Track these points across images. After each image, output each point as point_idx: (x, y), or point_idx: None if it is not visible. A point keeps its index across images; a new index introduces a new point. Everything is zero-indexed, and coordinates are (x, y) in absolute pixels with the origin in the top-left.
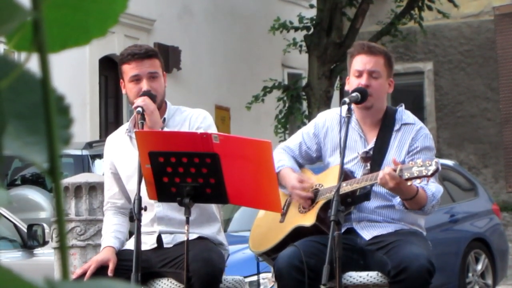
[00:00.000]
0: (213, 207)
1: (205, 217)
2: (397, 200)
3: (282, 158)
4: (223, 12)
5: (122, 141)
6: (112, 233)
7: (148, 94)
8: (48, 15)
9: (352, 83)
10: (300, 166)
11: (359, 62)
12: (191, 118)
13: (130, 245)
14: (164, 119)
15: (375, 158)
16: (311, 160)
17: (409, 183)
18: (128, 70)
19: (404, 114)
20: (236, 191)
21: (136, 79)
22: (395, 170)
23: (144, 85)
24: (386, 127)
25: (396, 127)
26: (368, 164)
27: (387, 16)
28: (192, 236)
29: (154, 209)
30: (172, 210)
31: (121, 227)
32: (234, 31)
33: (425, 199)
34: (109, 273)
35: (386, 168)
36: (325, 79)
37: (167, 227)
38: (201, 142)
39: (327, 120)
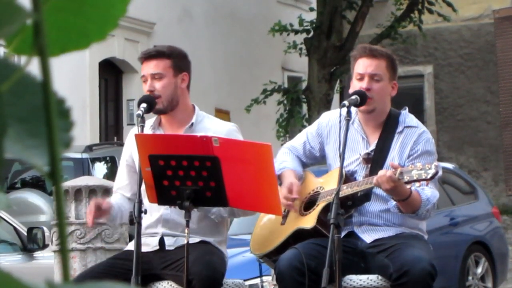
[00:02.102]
0: (222, 221)
1: (210, 228)
2: (392, 203)
3: (285, 159)
4: (223, 15)
5: None
6: (115, 200)
7: (147, 97)
8: (48, 19)
9: (354, 86)
10: (305, 165)
11: (361, 65)
12: (220, 134)
13: (132, 246)
14: (192, 124)
15: (376, 160)
16: (315, 159)
17: (408, 186)
18: (141, 71)
19: (408, 117)
20: (236, 194)
21: (144, 79)
22: (394, 174)
23: (147, 85)
24: (388, 129)
25: (399, 129)
26: (369, 166)
27: (387, 19)
28: (194, 240)
29: (161, 210)
30: (178, 215)
31: (123, 207)
32: (234, 34)
33: (419, 202)
34: (100, 206)
35: (388, 172)
36: (325, 82)
37: (170, 230)
38: (201, 145)
39: (331, 120)
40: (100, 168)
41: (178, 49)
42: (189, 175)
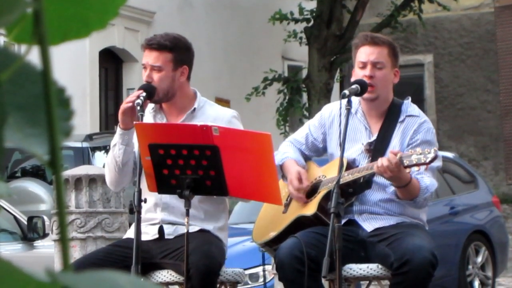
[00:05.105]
0: (221, 206)
1: (210, 215)
2: (391, 189)
3: (287, 150)
4: (223, 4)
5: (146, 118)
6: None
7: (147, 86)
8: (48, 7)
9: (357, 74)
10: (307, 158)
11: (363, 53)
12: (221, 121)
13: (131, 233)
14: (194, 109)
15: (377, 149)
16: (318, 151)
17: (407, 170)
18: (143, 57)
19: (410, 107)
20: (236, 183)
21: (144, 67)
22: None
23: (144, 75)
24: (390, 119)
25: (401, 118)
26: (371, 155)
27: (387, 8)
28: (194, 229)
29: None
30: (177, 199)
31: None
32: (234, 23)
33: (418, 190)
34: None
35: (386, 159)
36: (325, 71)
37: (169, 215)
38: (201, 134)
39: (333, 111)
40: (100, 157)
41: (182, 41)
42: (189, 164)
